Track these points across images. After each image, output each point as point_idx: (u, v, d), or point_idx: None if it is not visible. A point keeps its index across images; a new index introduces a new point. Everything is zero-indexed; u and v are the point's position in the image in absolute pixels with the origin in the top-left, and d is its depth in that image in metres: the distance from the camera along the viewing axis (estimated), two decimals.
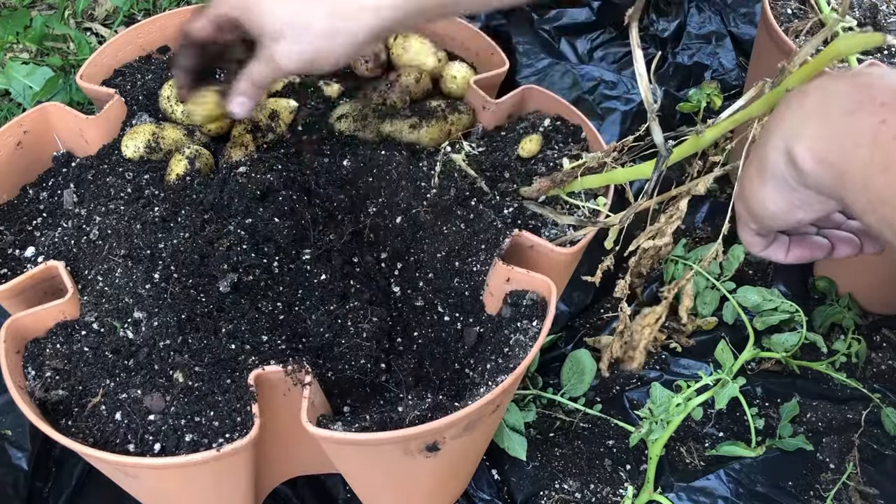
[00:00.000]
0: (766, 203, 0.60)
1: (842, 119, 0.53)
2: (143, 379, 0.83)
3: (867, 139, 0.51)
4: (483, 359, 0.88)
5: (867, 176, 0.51)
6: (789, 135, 0.56)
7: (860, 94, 0.53)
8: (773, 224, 0.63)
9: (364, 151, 1.01)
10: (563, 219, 0.94)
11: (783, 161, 0.57)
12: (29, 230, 1.00)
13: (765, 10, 1.31)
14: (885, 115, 0.50)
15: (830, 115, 0.54)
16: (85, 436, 0.81)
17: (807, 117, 0.55)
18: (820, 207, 0.59)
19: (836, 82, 0.55)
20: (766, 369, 1.30)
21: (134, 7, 1.73)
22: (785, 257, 0.68)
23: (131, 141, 1.03)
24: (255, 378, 0.81)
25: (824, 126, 0.54)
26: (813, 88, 0.56)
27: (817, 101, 0.55)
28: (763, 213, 0.62)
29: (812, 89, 0.56)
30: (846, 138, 0.52)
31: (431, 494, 1.05)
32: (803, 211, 0.59)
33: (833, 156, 0.53)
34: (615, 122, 1.53)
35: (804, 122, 0.55)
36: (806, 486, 1.15)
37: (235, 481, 0.87)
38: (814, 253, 0.69)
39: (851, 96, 0.53)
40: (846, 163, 0.52)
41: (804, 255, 0.68)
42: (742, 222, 0.66)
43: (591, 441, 1.21)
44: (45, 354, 0.86)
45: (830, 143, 0.53)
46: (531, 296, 0.88)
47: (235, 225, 0.93)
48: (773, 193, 0.59)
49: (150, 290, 0.88)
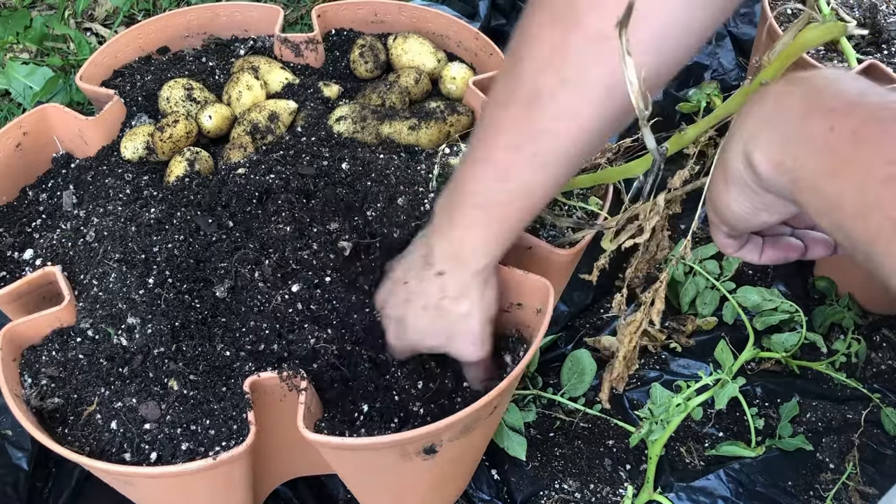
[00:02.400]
0: (731, 206, 0.61)
1: (794, 124, 0.53)
2: (138, 387, 0.83)
3: (818, 144, 0.51)
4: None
5: (817, 181, 0.51)
6: (747, 138, 0.57)
7: (812, 99, 0.53)
8: (740, 226, 0.63)
9: (363, 153, 1.01)
10: (561, 221, 0.94)
11: (743, 165, 0.57)
12: (28, 232, 1.00)
13: (765, 10, 1.31)
14: (834, 120, 0.50)
15: (785, 120, 0.54)
16: (81, 444, 0.81)
17: (763, 122, 0.56)
18: (783, 210, 0.59)
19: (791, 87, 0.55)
20: (766, 369, 1.30)
21: (134, 7, 1.73)
22: (759, 258, 0.69)
23: (130, 142, 1.03)
24: (251, 385, 0.80)
25: (779, 131, 0.54)
26: (771, 93, 0.57)
27: (773, 106, 0.56)
28: (729, 215, 0.62)
29: (770, 94, 0.57)
30: (798, 143, 0.53)
31: (430, 496, 1.05)
32: (767, 213, 0.60)
33: (787, 160, 0.53)
34: None
35: (761, 127, 0.56)
36: (806, 486, 1.15)
37: (232, 488, 0.87)
38: (787, 254, 0.69)
39: (804, 101, 0.53)
40: (799, 168, 0.52)
41: (778, 257, 0.69)
42: (713, 225, 0.67)
43: (591, 441, 1.21)
44: (41, 362, 0.86)
45: (784, 147, 0.54)
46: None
47: (233, 227, 0.92)
48: (737, 196, 0.60)
49: (144, 295, 0.88)
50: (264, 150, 1.02)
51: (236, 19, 1.24)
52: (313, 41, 1.20)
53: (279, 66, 1.15)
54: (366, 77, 1.19)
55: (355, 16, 1.25)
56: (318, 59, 1.21)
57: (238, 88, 1.09)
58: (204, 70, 1.18)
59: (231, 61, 1.19)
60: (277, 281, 0.88)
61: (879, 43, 1.30)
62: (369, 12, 1.25)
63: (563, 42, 0.65)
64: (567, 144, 0.69)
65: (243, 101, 1.08)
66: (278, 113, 1.06)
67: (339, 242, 0.91)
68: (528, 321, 0.90)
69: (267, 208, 0.93)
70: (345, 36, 1.25)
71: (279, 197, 0.93)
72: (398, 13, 1.24)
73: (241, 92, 1.09)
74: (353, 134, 1.04)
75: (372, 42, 1.19)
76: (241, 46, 1.23)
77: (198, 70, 1.17)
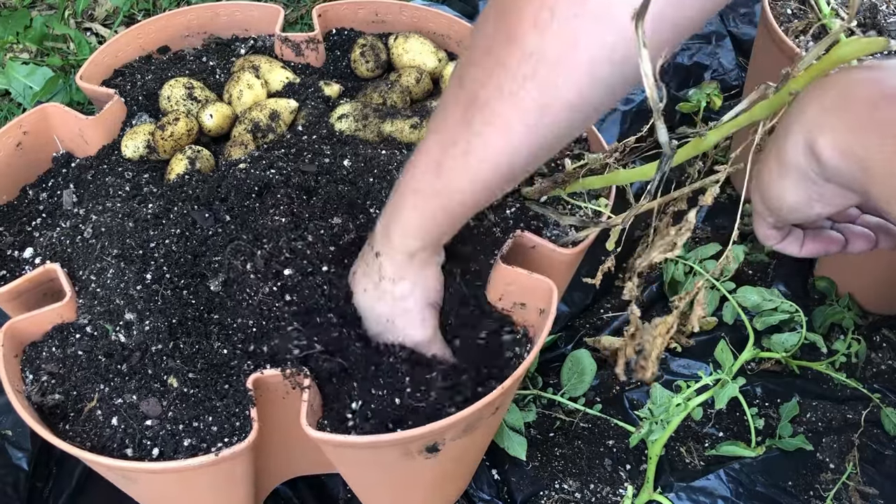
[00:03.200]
0: (784, 196, 0.61)
1: (863, 112, 0.53)
2: (138, 384, 0.83)
3: (890, 131, 0.51)
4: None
5: (890, 167, 0.51)
6: (810, 128, 0.56)
7: (880, 86, 0.53)
8: (791, 217, 0.63)
9: (365, 151, 1.01)
10: (565, 219, 0.94)
11: (803, 154, 0.57)
12: (28, 231, 1.00)
13: (764, 10, 1.31)
14: None
15: (852, 109, 0.54)
16: (82, 440, 0.81)
17: (827, 111, 0.56)
18: (839, 201, 0.59)
19: (854, 76, 0.56)
20: (766, 369, 1.30)
21: (134, 7, 1.73)
22: (799, 251, 0.69)
23: (131, 141, 1.03)
24: (254, 382, 0.80)
25: (847, 119, 0.55)
26: (832, 83, 0.57)
27: (837, 95, 0.56)
28: (781, 206, 0.62)
29: (831, 84, 0.57)
30: (870, 131, 0.53)
31: (431, 495, 1.05)
32: (821, 204, 0.60)
33: (857, 148, 0.54)
34: (615, 122, 1.53)
35: (825, 116, 0.56)
36: (806, 486, 1.15)
37: (234, 485, 0.87)
38: (828, 247, 0.69)
39: (872, 89, 0.54)
40: (871, 156, 0.53)
41: (819, 249, 0.69)
42: (759, 216, 0.67)
43: (591, 441, 1.21)
44: (42, 358, 0.86)
45: (854, 135, 0.54)
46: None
47: (229, 221, 0.92)
48: (792, 187, 0.60)
49: (142, 291, 0.87)
50: (266, 148, 1.02)
51: (237, 19, 1.24)
52: (314, 40, 1.20)
53: (280, 66, 1.15)
54: (367, 76, 1.19)
55: (356, 15, 1.25)
56: (319, 59, 1.21)
57: (239, 87, 1.09)
58: (204, 69, 1.18)
59: (231, 61, 1.19)
60: (269, 273, 0.87)
61: None
62: (370, 12, 1.25)
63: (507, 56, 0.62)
64: (497, 152, 0.67)
65: (244, 100, 1.08)
66: (279, 111, 1.06)
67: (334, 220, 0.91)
68: (531, 321, 0.90)
69: (265, 202, 0.92)
70: (345, 35, 1.25)
71: (279, 191, 0.93)
72: (399, 13, 1.24)
73: (242, 91, 1.08)
74: (354, 132, 1.04)
75: (373, 41, 1.19)
76: (241, 46, 1.22)
77: (198, 69, 1.17)
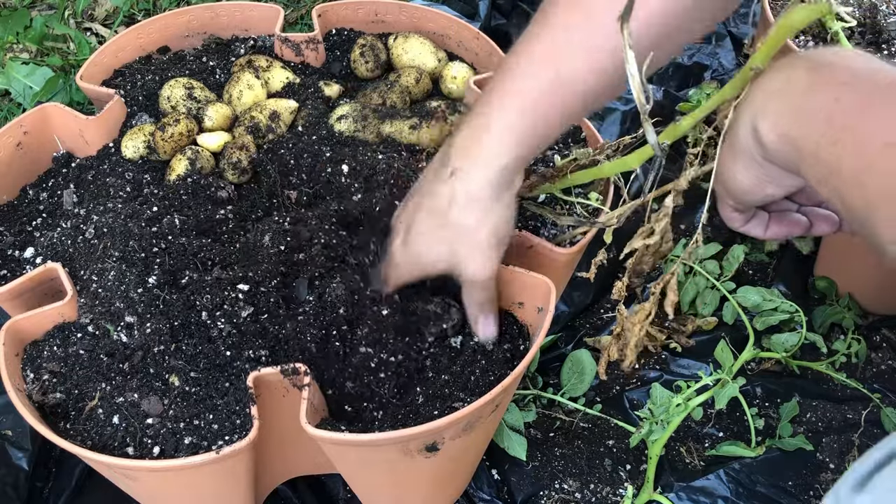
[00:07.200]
0: (736, 177, 0.64)
1: (801, 96, 0.57)
2: (139, 383, 0.83)
3: (822, 115, 0.54)
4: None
5: (819, 148, 0.54)
6: (755, 112, 0.60)
7: (819, 72, 0.56)
8: (746, 199, 0.66)
9: (364, 152, 1.01)
10: (562, 219, 0.94)
11: (750, 137, 0.60)
12: (29, 231, 1.00)
13: (764, 10, 1.31)
14: (840, 92, 0.54)
15: (791, 93, 0.58)
16: (83, 439, 0.81)
17: (770, 95, 0.59)
18: (788, 182, 0.62)
19: (799, 62, 0.59)
20: (766, 369, 1.30)
21: (134, 7, 1.73)
22: (764, 233, 0.71)
23: (131, 141, 1.03)
24: (254, 380, 0.81)
25: (785, 103, 0.58)
26: (779, 68, 0.60)
27: (780, 81, 0.59)
28: (735, 188, 0.65)
29: (776, 70, 0.60)
30: (803, 114, 0.56)
31: (431, 494, 1.05)
32: (772, 186, 0.63)
33: (792, 131, 0.57)
34: (615, 121, 1.53)
35: (768, 99, 0.59)
36: (806, 486, 1.15)
37: (235, 483, 0.87)
38: (791, 229, 0.71)
39: (811, 75, 0.57)
40: (803, 137, 0.56)
41: (782, 232, 0.71)
42: (721, 199, 0.70)
43: (591, 441, 1.21)
44: (43, 357, 0.86)
45: (789, 119, 0.57)
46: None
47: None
48: (743, 169, 0.63)
49: (143, 294, 0.87)
50: (266, 149, 1.02)
51: (236, 19, 1.24)
52: (314, 41, 1.20)
53: (280, 66, 1.15)
54: (366, 76, 1.19)
55: (356, 15, 1.26)
56: (319, 59, 1.21)
57: (239, 88, 1.09)
58: (204, 70, 1.18)
59: (231, 61, 1.19)
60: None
61: (879, 43, 1.30)
62: (370, 12, 1.25)
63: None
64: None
65: (244, 101, 1.08)
66: (279, 112, 1.06)
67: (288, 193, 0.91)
68: (530, 320, 0.90)
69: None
70: (345, 36, 1.25)
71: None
72: (398, 13, 1.24)
73: (242, 91, 1.09)
74: (354, 133, 1.04)
75: (373, 42, 1.19)
76: (241, 46, 1.23)
77: (198, 69, 1.17)
